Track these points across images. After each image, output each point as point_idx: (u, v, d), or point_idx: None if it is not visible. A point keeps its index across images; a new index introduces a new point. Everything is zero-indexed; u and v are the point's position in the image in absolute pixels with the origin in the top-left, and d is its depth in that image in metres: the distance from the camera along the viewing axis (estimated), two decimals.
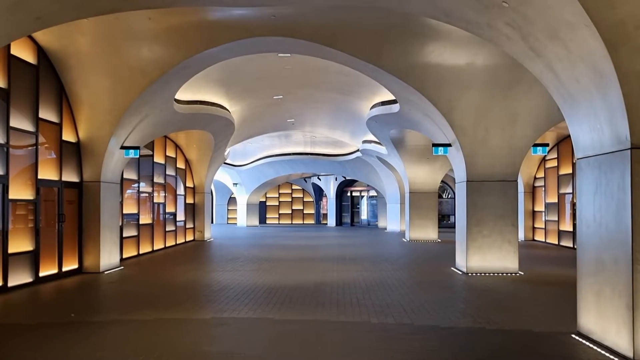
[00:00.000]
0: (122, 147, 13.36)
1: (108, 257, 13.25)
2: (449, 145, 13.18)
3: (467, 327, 7.40)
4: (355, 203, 41.05)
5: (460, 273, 12.83)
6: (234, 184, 37.96)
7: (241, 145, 30.97)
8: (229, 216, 44.65)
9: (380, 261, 15.50)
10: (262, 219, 43.50)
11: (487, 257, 12.67)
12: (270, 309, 8.56)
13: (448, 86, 11.81)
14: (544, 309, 8.81)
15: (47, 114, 11.60)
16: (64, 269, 12.20)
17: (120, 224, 15.09)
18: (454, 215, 36.70)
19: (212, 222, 43.50)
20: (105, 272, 12.89)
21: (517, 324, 7.61)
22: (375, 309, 8.56)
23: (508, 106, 12.06)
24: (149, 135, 14.82)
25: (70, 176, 12.51)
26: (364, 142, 25.30)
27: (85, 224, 12.87)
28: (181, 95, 14.88)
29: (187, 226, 22.32)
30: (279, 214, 44.66)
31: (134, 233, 16.44)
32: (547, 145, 13.45)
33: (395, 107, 15.15)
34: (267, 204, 44.55)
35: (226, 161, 33.42)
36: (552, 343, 6.66)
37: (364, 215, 41.01)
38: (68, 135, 12.41)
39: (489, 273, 12.61)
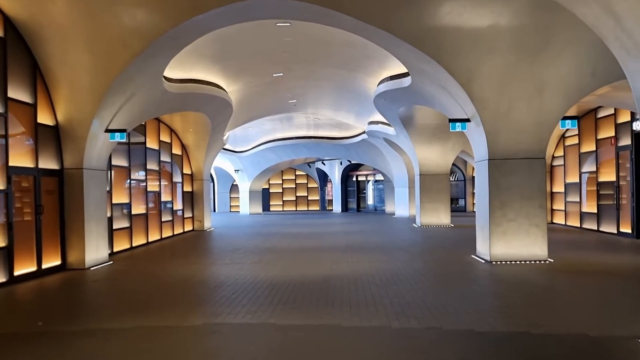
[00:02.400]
0: (107, 130, 12.10)
1: (95, 252, 12.06)
2: (468, 120, 11.88)
3: (508, 331, 6.16)
4: (361, 188, 39.79)
5: (483, 262, 11.59)
6: (235, 170, 36.74)
7: (241, 131, 29.76)
8: (231, 204, 43.49)
9: (392, 250, 14.28)
10: (266, 207, 42.33)
11: (513, 243, 11.43)
12: (272, 311, 7.35)
13: (467, 53, 10.48)
14: (591, 306, 7.57)
15: (18, 93, 10.33)
16: (45, 265, 11.00)
17: (109, 214, 13.90)
18: (464, 198, 35.49)
19: (214, 211, 42.77)
20: (92, 269, 11.71)
21: (566, 326, 6.36)
22: (394, 308, 7.34)
23: (535, 74, 10.74)
24: (137, 117, 13.55)
25: (48, 163, 11.27)
26: (370, 123, 23.99)
27: (68, 216, 11.67)
28: (172, 73, 13.59)
29: (185, 215, 21.12)
30: (283, 201, 43.46)
31: (126, 224, 15.24)
32: (577, 118, 12.13)
33: (406, 81, 13.83)
34: (271, 190, 43.34)
35: (227, 147, 32.23)
36: (618, 352, 5.43)
37: (371, 200, 39.77)
38: (44, 118, 11.16)
39: (515, 261, 11.37)
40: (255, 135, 31.78)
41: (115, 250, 14.33)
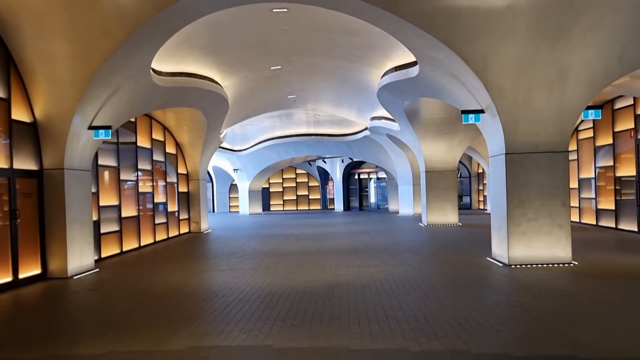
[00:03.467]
0: (91, 127, 11.16)
1: (79, 259, 11.12)
2: (482, 111, 10.93)
3: (551, 355, 5.19)
4: (363, 186, 38.81)
5: (501, 265, 10.63)
6: (234, 170, 35.77)
7: (240, 129, 28.84)
8: (231, 204, 42.52)
9: (400, 252, 13.32)
10: (266, 206, 41.38)
11: (534, 244, 10.47)
12: (269, 329, 6.39)
13: (483, 37, 9.52)
14: (638, 318, 6.60)
15: None
16: (22, 275, 10.06)
17: (95, 218, 12.96)
18: (469, 195, 34.51)
19: (213, 211, 41.81)
20: (75, 277, 10.76)
21: (617, 349, 5.38)
22: (410, 324, 6.38)
23: (556, 59, 9.77)
24: (125, 114, 12.59)
25: (25, 163, 10.33)
26: (373, 119, 23.04)
27: (48, 220, 10.73)
28: (162, 65, 12.64)
29: (180, 217, 20.17)
30: (283, 201, 42.51)
31: (115, 228, 14.29)
32: (601, 107, 11.17)
33: (414, 71, 12.86)
34: (271, 190, 42.38)
35: (225, 146, 31.30)
36: None
37: (373, 198, 38.82)
38: (20, 114, 10.21)
39: (537, 264, 10.42)
40: (254, 133, 30.83)
41: (103, 255, 13.39)
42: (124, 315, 7.50)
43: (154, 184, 17.39)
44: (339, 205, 38.07)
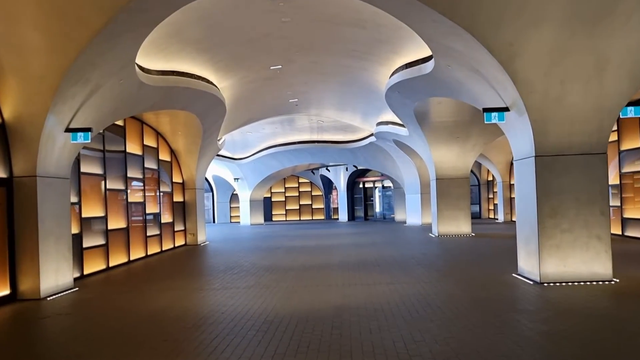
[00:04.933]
0: (68, 130, 9.97)
1: (54, 277, 9.89)
2: (506, 109, 9.70)
3: None
4: (368, 195, 37.54)
5: (531, 283, 9.35)
6: (235, 179, 34.58)
7: (240, 136, 27.70)
8: (232, 214, 41.25)
9: (412, 266, 12.05)
10: (268, 216, 40.10)
11: (569, 259, 9.20)
12: None
13: (510, 22, 8.31)
14: None
15: None
16: None
17: (76, 231, 11.74)
18: (478, 204, 33.19)
19: (213, 222, 40.53)
20: (49, 298, 9.52)
21: None
22: None
23: (594, 48, 8.54)
24: (109, 115, 11.41)
25: None
26: (379, 124, 21.83)
27: (19, 234, 9.51)
28: (150, 62, 11.48)
29: (175, 229, 18.92)
30: (286, 210, 41.25)
31: (100, 242, 13.06)
32: None
33: (428, 67, 11.66)
34: (273, 199, 41.14)
35: (225, 154, 30.17)
36: None
37: (379, 208, 37.55)
38: None
39: (573, 282, 9.14)
40: (255, 140, 29.66)
41: (86, 272, 12.15)
42: (93, 350, 6.25)
43: (146, 193, 16.17)
44: (343, 215, 36.80)
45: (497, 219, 29.66)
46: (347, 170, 35.42)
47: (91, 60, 9.02)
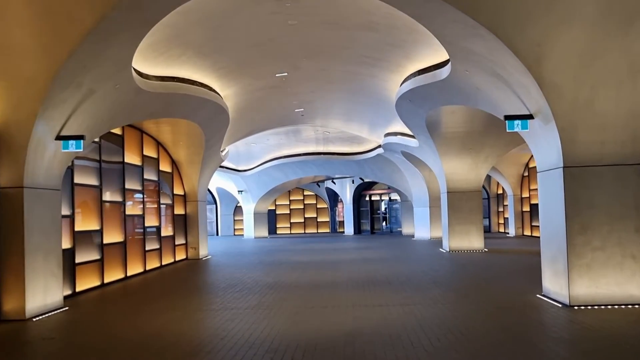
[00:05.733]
0: (59, 137, 9.30)
1: (41, 296, 9.16)
2: (530, 117, 8.97)
3: None
4: (375, 208, 36.72)
5: (560, 306, 8.56)
6: (239, 191, 33.86)
7: (244, 147, 27.03)
8: (235, 227, 40.49)
9: (426, 285, 11.27)
10: (272, 229, 39.30)
11: (601, 280, 8.41)
12: None
13: (538, 21, 7.63)
14: None
15: None
16: None
17: (68, 245, 11.04)
18: (488, 217, 32.33)
19: (217, 234, 39.77)
20: (35, 319, 8.78)
21: None
22: None
23: (629, 49, 7.83)
24: (104, 123, 10.75)
25: None
26: (387, 135, 21.10)
27: (4, 249, 8.80)
28: (148, 67, 10.85)
29: (176, 242, 18.19)
30: (291, 223, 40.46)
31: (95, 256, 12.34)
32: None
33: (444, 72, 10.97)
34: (277, 212, 40.38)
35: (229, 166, 29.51)
36: None
37: (386, 221, 36.73)
38: None
39: (605, 305, 8.35)
40: (260, 152, 28.98)
41: (78, 289, 11.42)
42: None
43: (145, 205, 15.47)
44: (349, 229, 35.99)
45: (507, 233, 28.82)
46: (353, 182, 34.68)
47: (83, 63, 8.37)
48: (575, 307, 8.32)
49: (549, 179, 9.13)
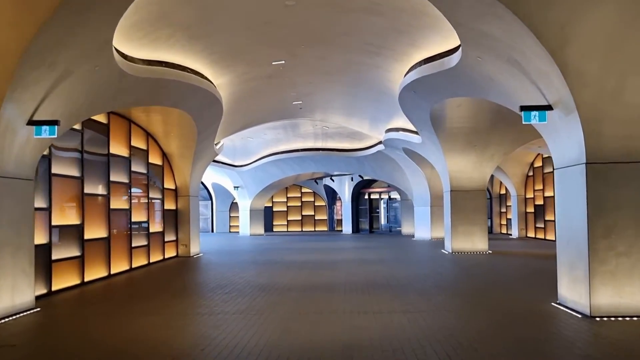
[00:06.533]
0: (31, 122, 8.45)
1: (9, 296, 8.32)
2: (549, 107, 8.15)
3: None
4: (374, 207, 35.87)
5: (579, 316, 7.75)
6: (234, 187, 33.01)
7: (240, 142, 26.23)
8: (231, 224, 39.63)
9: (430, 290, 10.46)
10: (269, 227, 38.47)
11: (626, 289, 7.61)
12: None
13: (562, 1, 6.80)
14: None
15: None
16: None
17: (43, 241, 10.21)
18: (490, 218, 31.50)
19: (212, 231, 38.91)
20: (1, 322, 7.95)
21: None
22: None
23: None
24: (84, 108, 9.89)
25: None
26: (389, 130, 20.28)
27: None
28: (133, 49, 10.01)
29: (166, 239, 17.35)
30: (288, 221, 39.62)
31: (75, 253, 11.51)
32: None
33: (452, 60, 10.15)
34: (274, 209, 39.54)
35: (225, 161, 28.69)
36: None
37: (385, 220, 35.91)
38: None
39: (631, 316, 7.55)
40: (256, 147, 28.15)
41: (55, 288, 10.59)
42: None
43: (132, 199, 14.62)
44: (347, 227, 35.16)
45: (510, 235, 28.03)
46: (352, 180, 33.85)
47: (57, 40, 7.54)
48: (597, 319, 7.52)
49: (568, 176, 8.31)
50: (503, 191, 30.56)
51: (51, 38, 7.43)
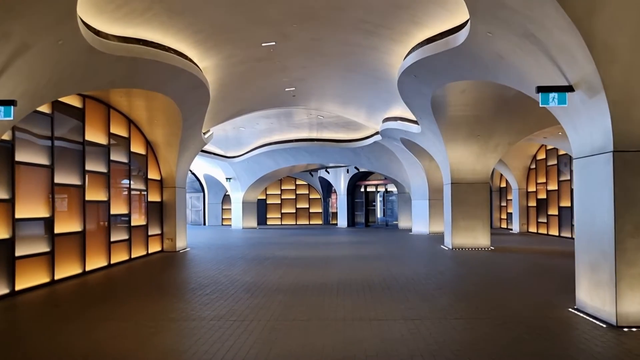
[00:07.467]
0: None
1: None
2: (570, 88, 7.19)
3: None
4: (370, 200, 34.92)
5: (603, 326, 6.82)
6: (227, 179, 32.02)
7: (233, 132, 25.24)
8: (224, 217, 38.63)
9: (432, 292, 9.52)
10: (262, 220, 37.53)
11: None
12: None
13: None
14: None
15: None
16: None
17: (6, 235, 9.22)
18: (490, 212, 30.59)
19: (204, 224, 37.91)
20: None
21: None
22: None
23: None
24: (47, 88, 8.87)
25: None
26: (386, 120, 19.31)
27: None
28: (106, 24, 8.98)
29: (150, 233, 16.35)
30: (282, 214, 38.66)
31: (43, 249, 10.51)
32: None
33: (458, 37, 9.16)
34: (268, 202, 38.55)
35: (217, 152, 27.70)
36: None
37: (381, 214, 34.98)
38: None
39: None
40: (249, 137, 27.13)
41: (19, 287, 9.61)
42: None
43: (110, 190, 13.61)
44: (342, 221, 34.22)
45: (511, 230, 27.15)
46: (347, 172, 32.89)
47: (9, 5, 6.52)
48: (625, 329, 6.59)
49: (591, 166, 7.36)
50: (503, 184, 29.68)
51: (1, 4, 6.41)
